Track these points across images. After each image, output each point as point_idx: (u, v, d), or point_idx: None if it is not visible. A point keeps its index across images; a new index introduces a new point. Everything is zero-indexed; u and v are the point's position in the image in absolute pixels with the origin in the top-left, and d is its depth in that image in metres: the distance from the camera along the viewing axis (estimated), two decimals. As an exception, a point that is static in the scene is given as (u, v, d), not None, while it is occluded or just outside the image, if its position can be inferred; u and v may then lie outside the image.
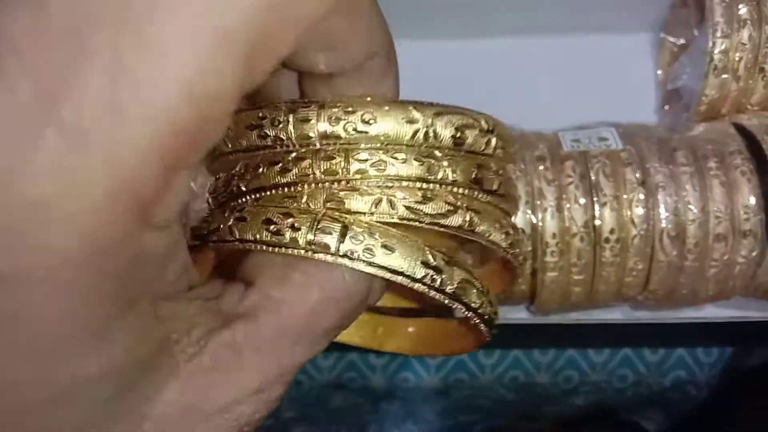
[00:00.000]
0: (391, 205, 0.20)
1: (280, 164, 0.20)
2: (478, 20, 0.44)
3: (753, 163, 0.33)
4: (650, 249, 0.33)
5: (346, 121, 0.19)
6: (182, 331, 0.16)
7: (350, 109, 0.19)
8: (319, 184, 0.20)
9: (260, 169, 0.20)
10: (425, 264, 0.20)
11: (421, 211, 0.20)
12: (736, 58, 0.35)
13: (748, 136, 0.34)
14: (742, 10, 0.35)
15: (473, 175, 0.21)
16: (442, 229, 0.20)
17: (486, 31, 0.45)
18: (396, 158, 0.20)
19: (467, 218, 0.21)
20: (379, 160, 0.20)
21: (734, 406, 0.50)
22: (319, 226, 0.19)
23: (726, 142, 0.34)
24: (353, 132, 0.20)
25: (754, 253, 0.33)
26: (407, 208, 0.20)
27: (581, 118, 0.38)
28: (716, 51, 0.35)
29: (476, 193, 0.21)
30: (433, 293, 0.20)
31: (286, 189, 0.20)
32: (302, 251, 0.19)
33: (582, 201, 0.33)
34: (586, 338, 0.47)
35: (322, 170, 0.20)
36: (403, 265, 0.19)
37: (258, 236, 0.19)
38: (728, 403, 0.50)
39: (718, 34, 0.35)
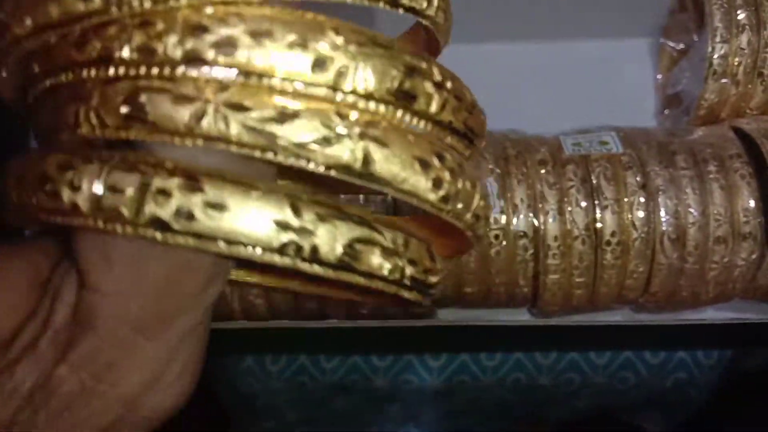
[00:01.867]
0: (222, 122, 0.12)
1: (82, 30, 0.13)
2: (482, 26, 0.45)
3: (752, 166, 0.33)
4: (651, 252, 0.33)
5: None
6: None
7: None
8: (124, 68, 0.13)
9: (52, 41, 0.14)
10: (282, 225, 0.13)
11: (272, 133, 0.12)
12: (735, 63, 0.36)
13: (747, 140, 0.35)
14: (741, 15, 0.36)
15: (396, 83, 0.13)
16: (319, 170, 0.13)
17: (489, 36, 0.45)
18: (271, 36, 0.12)
19: (359, 153, 0.13)
20: (230, 37, 0.12)
21: (734, 408, 0.50)
22: (108, 180, 0.13)
23: (725, 146, 0.34)
24: None
25: (753, 256, 0.33)
26: (247, 128, 0.12)
27: (582, 122, 0.38)
28: (715, 56, 0.36)
29: (400, 113, 0.14)
30: (304, 267, 0.13)
31: (79, 72, 0.13)
32: (89, 222, 0.13)
33: (583, 204, 0.33)
34: (587, 341, 0.48)
35: (136, 42, 0.13)
36: (244, 230, 0.13)
37: (35, 201, 0.14)
38: (728, 405, 0.50)
39: (718, 39, 0.35)
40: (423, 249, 0.15)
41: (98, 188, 0.13)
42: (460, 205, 0.15)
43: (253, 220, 0.13)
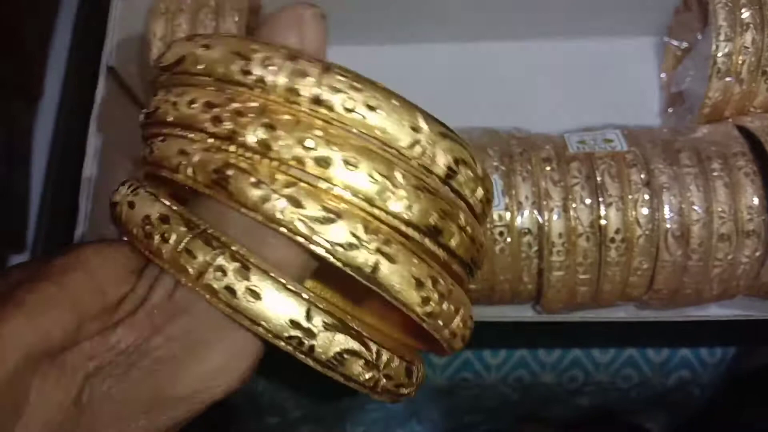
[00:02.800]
0: (280, 210, 0.17)
1: (230, 106, 0.17)
2: (488, 25, 0.45)
3: (756, 164, 0.34)
4: (655, 249, 0.33)
5: (348, 96, 0.17)
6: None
7: (358, 85, 0.17)
8: (221, 142, 0.17)
9: (194, 104, 0.18)
10: (294, 323, 0.17)
11: (313, 229, 0.16)
12: (739, 62, 0.36)
13: (751, 138, 0.35)
14: (745, 14, 0.36)
15: (431, 220, 0.17)
16: (339, 265, 0.17)
17: (495, 35, 0.45)
18: (349, 162, 0.17)
19: (371, 261, 0.17)
20: (326, 157, 0.17)
21: (738, 407, 0.50)
22: (188, 244, 0.17)
23: (729, 144, 0.35)
24: (349, 111, 0.17)
25: (757, 253, 0.34)
26: (297, 220, 0.16)
27: (587, 121, 0.38)
28: (719, 54, 0.36)
29: (428, 242, 0.17)
30: (300, 357, 0.17)
31: (195, 134, 0.18)
32: (165, 264, 0.18)
33: (588, 201, 0.33)
34: (591, 338, 0.48)
35: (256, 138, 0.17)
36: (267, 317, 0.17)
37: (135, 231, 0.18)
38: (732, 404, 0.50)
39: (722, 37, 0.36)
40: (402, 367, 0.19)
41: (180, 247, 0.17)
42: (440, 322, 0.18)
43: (275, 312, 0.17)
